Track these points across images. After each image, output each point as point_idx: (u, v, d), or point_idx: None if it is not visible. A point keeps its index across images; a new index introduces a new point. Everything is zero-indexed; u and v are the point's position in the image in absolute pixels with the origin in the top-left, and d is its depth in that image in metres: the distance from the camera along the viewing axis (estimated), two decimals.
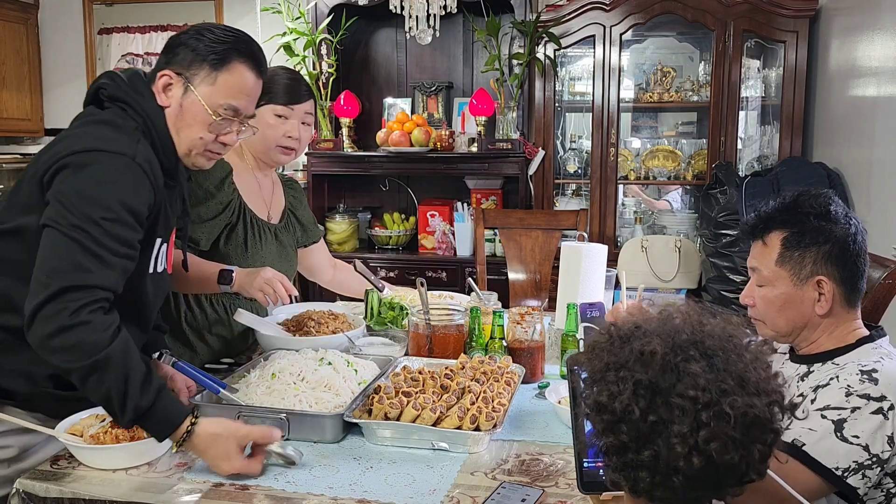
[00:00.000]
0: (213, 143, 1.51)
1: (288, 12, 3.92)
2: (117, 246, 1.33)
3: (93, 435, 1.38)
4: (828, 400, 1.28)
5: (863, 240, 1.41)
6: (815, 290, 1.39)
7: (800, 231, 1.40)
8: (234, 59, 1.47)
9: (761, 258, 1.45)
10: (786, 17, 3.59)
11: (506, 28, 3.86)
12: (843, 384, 1.29)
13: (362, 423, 1.49)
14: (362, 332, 2.06)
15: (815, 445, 1.24)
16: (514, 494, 1.28)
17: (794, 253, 1.40)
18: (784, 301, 1.41)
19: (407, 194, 4.43)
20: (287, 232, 2.12)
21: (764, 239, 1.45)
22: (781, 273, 1.41)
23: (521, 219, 3.18)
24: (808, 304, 1.40)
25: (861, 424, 1.24)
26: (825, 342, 1.42)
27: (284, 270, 2.00)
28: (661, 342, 0.90)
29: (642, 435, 0.88)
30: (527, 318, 1.91)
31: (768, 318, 1.45)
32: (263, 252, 1.99)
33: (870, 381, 1.27)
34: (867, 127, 2.98)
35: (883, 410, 1.24)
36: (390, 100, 4.34)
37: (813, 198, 1.43)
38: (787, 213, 1.43)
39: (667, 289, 3.63)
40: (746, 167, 3.88)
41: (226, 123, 1.49)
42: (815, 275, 1.39)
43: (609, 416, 0.90)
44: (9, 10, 5.08)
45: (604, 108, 3.83)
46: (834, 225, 1.39)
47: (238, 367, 1.86)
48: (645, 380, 0.88)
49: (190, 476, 1.35)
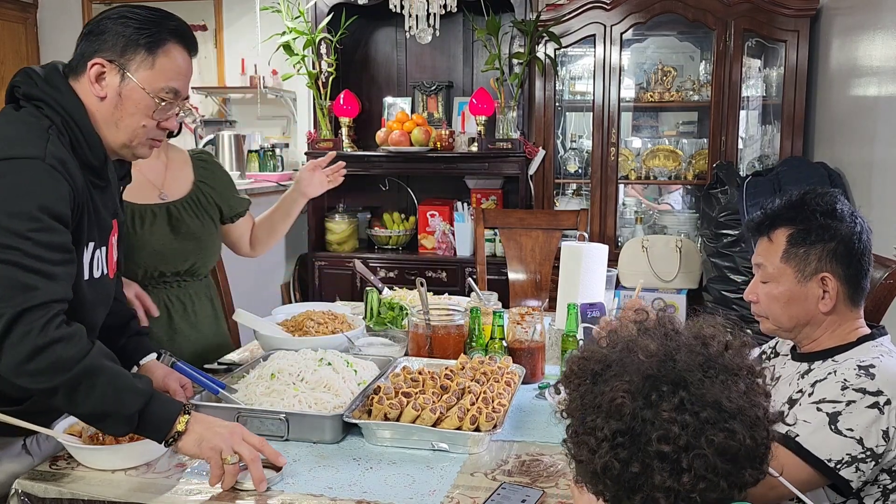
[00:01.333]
0: (156, 129, 1.44)
1: (287, 12, 3.92)
2: (53, 254, 1.26)
3: (92, 435, 1.38)
4: (824, 393, 1.29)
5: (868, 239, 1.41)
6: (819, 286, 1.39)
7: (805, 228, 1.40)
8: (169, 39, 1.41)
9: (766, 254, 1.45)
10: (787, 17, 3.58)
11: (506, 27, 3.86)
12: (839, 378, 1.30)
13: (362, 424, 1.48)
14: (362, 332, 2.05)
15: (808, 437, 1.25)
16: (514, 495, 1.27)
17: (799, 250, 1.40)
18: (788, 297, 1.42)
19: (407, 194, 4.43)
20: (194, 206, 2.01)
21: (769, 235, 1.45)
22: (786, 269, 1.41)
23: (521, 219, 3.17)
24: (812, 301, 1.40)
25: (855, 418, 1.25)
26: (827, 340, 1.42)
27: (184, 249, 1.95)
28: (629, 385, 0.89)
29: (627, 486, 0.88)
30: (527, 319, 1.90)
31: (772, 314, 1.45)
32: (141, 234, 1.89)
33: (866, 376, 1.28)
34: (868, 127, 2.98)
35: (879, 405, 1.25)
36: (390, 99, 4.34)
37: (819, 196, 1.43)
38: (793, 210, 1.44)
39: (667, 288, 3.62)
40: (747, 167, 3.87)
41: (167, 107, 1.43)
42: (819, 272, 1.39)
43: (592, 473, 0.90)
44: (8, 9, 5.08)
45: (604, 108, 3.82)
46: (840, 223, 1.39)
47: (237, 367, 1.85)
48: (620, 428, 0.88)
49: (189, 476, 1.35)
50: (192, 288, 2.03)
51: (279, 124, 5.01)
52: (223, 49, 5.00)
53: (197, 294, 2.04)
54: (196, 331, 2.01)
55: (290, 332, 1.99)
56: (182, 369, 1.59)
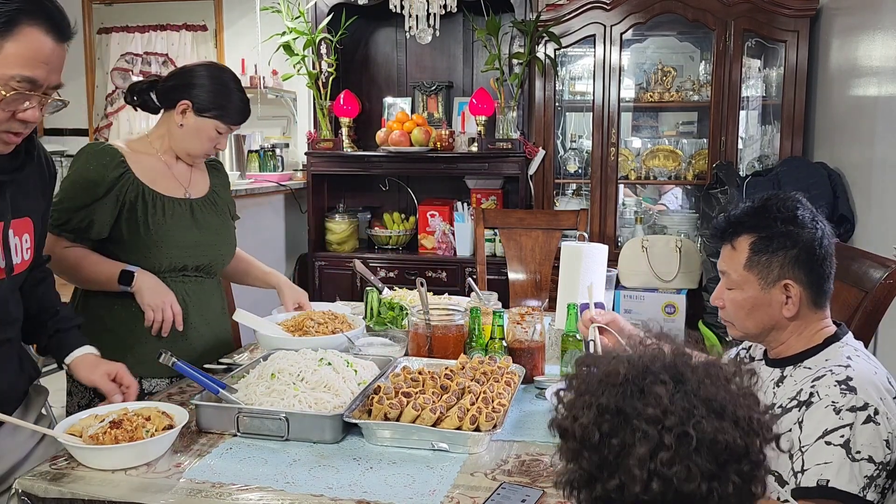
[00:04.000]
0: (11, 121, 1.30)
1: (287, 12, 3.92)
2: None
3: (92, 435, 1.38)
4: (822, 423, 1.27)
5: (829, 244, 1.43)
6: (782, 293, 1.41)
7: (767, 236, 1.42)
8: (24, 22, 1.26)
9: (730, 262, 1.47)
10: (786, 17, 3.58)
11: (506, 27, 3.86)
12: (827, 402, 1.28)
13: (362, 424, 1.48)
14: (362, 332, 2.05)
15: (838, 477, 1.23)
16: (514, 495, 1.27)
17: (761, 257, 1.42)
18: (752, 304, 1.44)
19: (407, 194, 4.43)
20: (211, 206, 2.10)
21: (733, 243, 1.47)
22: (749, 277, 1.44)
23: (521, 219, 3.18)
24: (776, 307, 1.42)
25: (860, 438, 1.24)
26: (794, 343, 1.45)
27: (204, 243, 2.02)
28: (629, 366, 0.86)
29: (606, 462, 0.82)
30: (527, 319, 1.91)
31: (737, 321, 1.49)
32: (170, 224, 1.96)
33: (850, 392, 1.27)
34: (868, 127, 2.98)
35: (871, 417, 1.25)
36: (390, 99, 4.34)
37: (781, 202, 1.45)
38: (755, 217, 1.45)
39: (667, 288, 3.62)
40: (747, 167, 3.87)
41: (21, 98, 1.29)
42: (782, 279, 1.41)
43: (572, 443, 0.86)
44: None
45: (604, 108, 3.82)
46: (801, 229, 1.41)
47: (237, 367, 1.86)
48: (609, 404, 0.83)
49: (189, 476, 1.35)
50: (207, 285, 2.08)
51: (279, 124, 5.02)
52: (223, 49, 5.01)
53: (211, 291, 2.09)
54: (209, 327, 2.05)
55: (290, 332, 1.99)
56: (182, 369, 1.59)
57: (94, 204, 1.88)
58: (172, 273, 1.97)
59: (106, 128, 5.36)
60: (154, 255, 1.93)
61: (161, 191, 1.97)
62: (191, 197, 2.04)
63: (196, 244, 2.00)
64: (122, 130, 5.36)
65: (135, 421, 1.42)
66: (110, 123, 5.36)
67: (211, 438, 1.51)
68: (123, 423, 1.41)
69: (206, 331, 2.04)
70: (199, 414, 1.54)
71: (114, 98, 5.33)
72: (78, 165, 1.92)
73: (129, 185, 1.91)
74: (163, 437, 1.40)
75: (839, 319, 1.86)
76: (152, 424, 1.42)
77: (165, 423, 1.44)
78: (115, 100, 5.33)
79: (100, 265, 1.89)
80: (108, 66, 5.29)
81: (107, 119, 5.34)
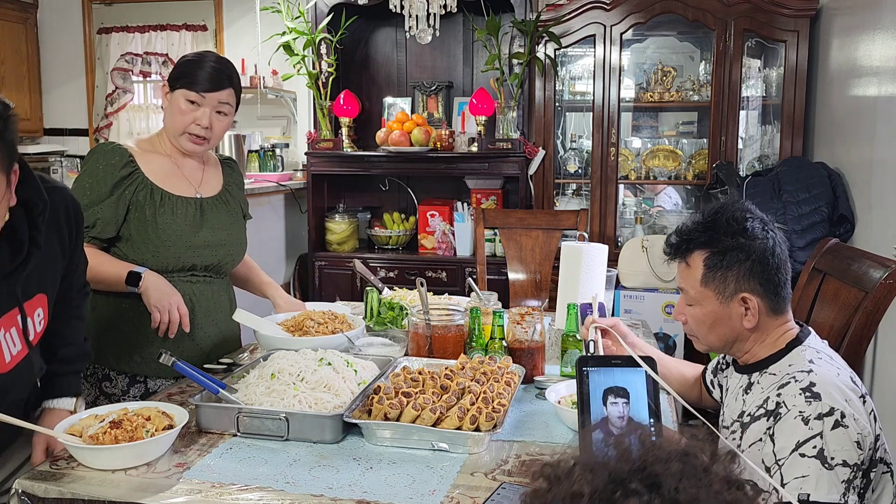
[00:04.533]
0: None
1: (287, 12, 3.92)
2: None
3: (92, 435, 1.38)
4: (793, 436, 1.27)
5: (782, 251, 1.44)
6: (740, 305, 1.43)
7: (720, 250, 1.43)
8: None
9: (686, 278, 1.48)
10: (786, 17, 3.58)
11: (506, 27, 3.86)
12: (795, 413, 1.28)
13: (362, 424, 1.48)
14: (362, 332, 2.05)
15: (817, 489, 1.23)
16: (514, 495, 1.27)
17: (716, 273, 1.43)
18: (713, 319, 1.46)
19: (407, 194, 4.43)
20: (223, 205, 2.09)
21: (686, 259, 1.48)
22: (707, 293, 1.44)
23: (521, 219, 3.17)
24: (737, 320, 1.44)
25: (832, 444, 1.24)
26: (759, 351, 1.46)
27: (214, 242, 2.00)
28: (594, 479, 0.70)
29: None
30: (527, 319, 1.90)
31: (701, 335, 1.50)
32: (179, 224, 1.95)
33: (815, 399, 1.27)
34: (868, 127, 2.98)
35: (839, 422, 1.25)
36: (390, 99, 4.34)
37: (730, 214, 1.45)
38: (706, 232, 1.45)
39: (667, 288, 3.62)
40: (747, 167, 3.87)
41: None
42: (738, 292, 1.42)
43: None
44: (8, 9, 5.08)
45: (604, 108, 3.82)
46: (752, 241, 1.41)
47: (237, 367, 1.86)
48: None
49: (189, 476, 1.35)
50: (216, 285, 2.08)
51: (279, 124, 5.02)
52: (223, 49, 5.01)
53: (219, 291, 2.09)
54: (216, 328, 2.05)
55: (290, 332, 1.99)
56: (182, 369, 1.59)
57: (102, 203, 1.88)
58: (181, 273, 1.98)
59: (106, 128, 5.36)
60: (162, 255, 1.93)
61: (170, 190, 1.96)
62: (201, 196, 2.03)
63: (205, 244, 2.00)
64: (121, 130, 5.37)
65: (135, 421, 1.42)
66: (110, 123, 5.36)
67: (211, 438, 1.51)
68: (123, 423, 1.41)
69: (213, 331, 2.05)
70: (199, 414, 1.54)
71: (114, 98, 5.33)
72: (88, 165, 1.93)
73: (137, 184, 1.92)
74: (163, 437, 1.40)
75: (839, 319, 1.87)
76: (152, 424, 1.42)
77: (165, 423, 1.44)
78: (115, 100, 5.33)
79: (108, 266, 1.89)
80: (108, 66, 5.29)
81: (107, 119, 5.34)
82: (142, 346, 1.91)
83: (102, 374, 1.96)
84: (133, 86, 5.36)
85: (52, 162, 5.06)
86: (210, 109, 1.95)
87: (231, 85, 1.98)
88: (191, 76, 1.93)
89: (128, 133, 5.34)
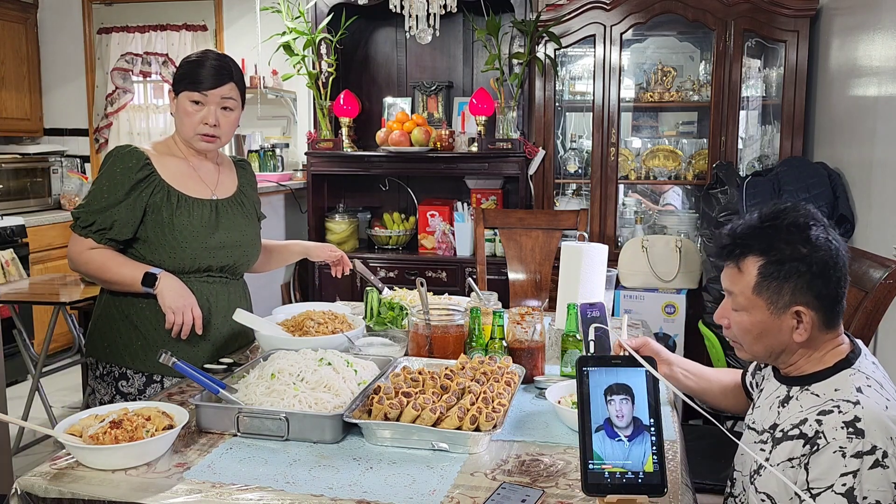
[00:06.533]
0: None
1: (287, 12, 3.92)
2: None
3: (92, 435, 1.38)
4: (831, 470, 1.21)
5: (844, 262, 1.33)
6: (793, 318, 1.33)
7: (778, 260, 1.32)
8: None
9: (736, 283, 1.38)
10: (786, 17, 3.59)
11: (506, 27, 3.86)
12: (835, 447, 1.21)
13: (362, 424, 1.48)
14: (362, 332, 2.05)
15: None
16: (514, 495, 1.27)
17: (771, 283, 1.32)
18: (761, 329, 1.36)
19: (407, 194, 4.43)
20: (237, 206, 2.10)
21: (739, 265, 1.37)
22: (758, 301, 1.35)
23: (521, 219, 3.17)
24: (787, 332, 1.35)
25: (867, 483, 1.19)
26: (804, 365, 1.38)
27: (229, 243, 2.02)
28: None
29: None
30: (527, 319, 1.90)
31: (745, 344, 1.41)
32: (195, 225, 1.97)
33: (857, 437, 1.21)
34: (868, 127, 2.98)
35: (880, 461, 1.19)
36: (390, 99, 4.34)
37: (792, 219, 1.34)
38: (763, 238, 1.34)
39: (667, 288, 3.62)
40: (747, 167, 3.88)
41: None
42: (793, 305, 1.32)
43: None
44: (8, 9, 5.08)
45: (604, 108, 3.83)
46: (814, 252, 1.31)
47: (237, 367, 1.86)
48: None
49: (189, 476, 1.35)
50: (232, 286, 2.10)
51: (279, 124, 5.02)
52: (223, 49, 5.01)
53: (235, 293, 2.11)
54: (231, 329, 2.07)
55: (290, 332, 1.99)
56: (182, 369, 1.59)
57: (119, 205, 1.90)
58: (197, 274, 1.99)
59: (106, 128, 5.36)
60: (179, 256, 1.95)
61: (187, 192, 1.98)
62: (217, 198, 2.05)
63: (221, 245, 2.01)
64: (122, 130, 5.37)
65: (135, 421, 1.42)
66: (110, 123, 5.36)
67: (211, 438, 1.51)
68: (123, 423, 1.41)
69: (228, 332, 2.06)
70: (199, 414, 1.54)
71: (114, 98, 5.33)
72: (105, 168, 1.94)
73: (154, 186, 1.94)
74: (163, 437, 1.40)
75: None
76: (152, 424, 1.42)
77: (165, 423, 1.44)
78: (115, 100, 5.33)
79: (124, 267, 1.91)
80: (108, 66, 5.29)
81: (107, 119, 5.34)
82: (158, 345, 1.92)
83: (119, 373, 1.97)
84: (133, 86, 5.36)
85: (52, 162, 5.07)
86: (215, 106, 1.96)
87: (232, 79, 1.99)
88: (192, 76, 1.94)
89: (128, 133, 5.34)
